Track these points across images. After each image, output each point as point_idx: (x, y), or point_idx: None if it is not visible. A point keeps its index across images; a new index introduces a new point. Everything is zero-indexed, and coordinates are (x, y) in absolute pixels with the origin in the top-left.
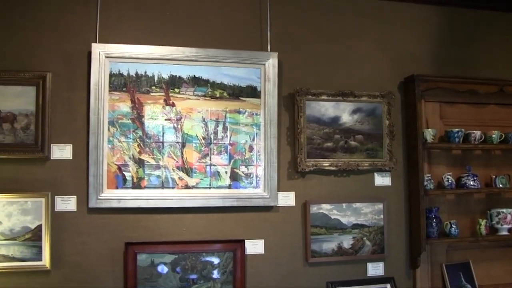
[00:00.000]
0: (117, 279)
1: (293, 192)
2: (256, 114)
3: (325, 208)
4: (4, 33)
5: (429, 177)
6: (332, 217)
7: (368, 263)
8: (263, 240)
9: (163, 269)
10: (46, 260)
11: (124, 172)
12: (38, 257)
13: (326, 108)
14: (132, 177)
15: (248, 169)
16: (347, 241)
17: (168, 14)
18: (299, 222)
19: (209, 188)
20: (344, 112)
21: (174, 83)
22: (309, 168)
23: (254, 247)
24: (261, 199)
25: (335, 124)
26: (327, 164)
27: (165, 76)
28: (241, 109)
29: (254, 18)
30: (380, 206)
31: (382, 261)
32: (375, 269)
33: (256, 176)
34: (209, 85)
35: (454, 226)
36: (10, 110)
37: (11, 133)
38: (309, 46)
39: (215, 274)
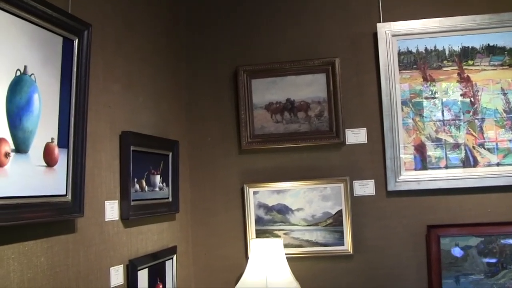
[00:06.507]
0: (420, 264)
1: None
2: None
3: None
4: (291, 25)
5: None
6: None
7: None
8: None
9: (460, 252)
10: (348, 245)
11: (421, 153)
12: (340, 242)
13: None
14: (430, 157)
15: None
16: None
17: None
18: None
19: None
20: None
21: (466, 54)
22: None
23: None
24: None
25: None
26: None
27: (456, 48)
28: None
29: None
30: None
31: None
32: None
33: None
34: (506, 52)
35: None
36: (303, 99)
37: (306, 121)
38: None
39: None
